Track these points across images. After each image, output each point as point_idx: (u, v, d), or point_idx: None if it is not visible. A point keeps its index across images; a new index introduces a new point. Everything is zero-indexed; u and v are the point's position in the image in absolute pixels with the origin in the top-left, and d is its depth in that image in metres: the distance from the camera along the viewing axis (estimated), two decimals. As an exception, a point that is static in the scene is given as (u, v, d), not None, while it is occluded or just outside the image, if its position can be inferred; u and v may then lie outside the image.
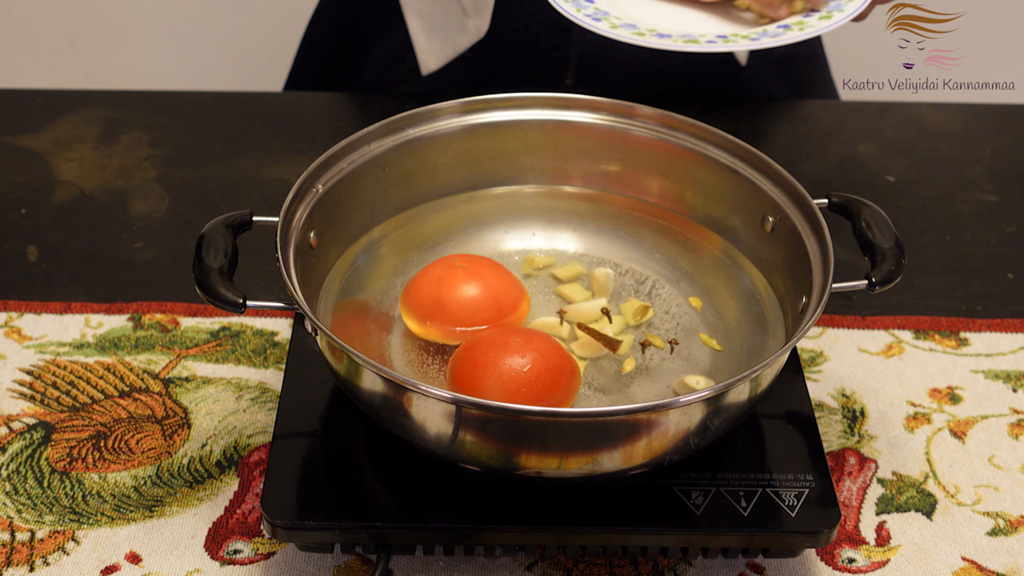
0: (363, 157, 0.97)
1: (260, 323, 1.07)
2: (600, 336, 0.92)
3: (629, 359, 0.93)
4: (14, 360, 1.03)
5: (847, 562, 0.90)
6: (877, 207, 0.94)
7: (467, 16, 1.27)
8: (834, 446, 0.98)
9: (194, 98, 1.39)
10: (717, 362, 0.94)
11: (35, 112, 1.33)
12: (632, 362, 0.93)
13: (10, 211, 1.19)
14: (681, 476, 0.86)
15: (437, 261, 0.96)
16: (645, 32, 0.94)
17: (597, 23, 0.94)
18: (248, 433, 0.97)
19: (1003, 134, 1.36)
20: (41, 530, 0.90)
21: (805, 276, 0.90)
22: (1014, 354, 1.07)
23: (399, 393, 0.81)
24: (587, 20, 0.94)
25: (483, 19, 1.26)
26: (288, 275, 0.85)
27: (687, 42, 0.94)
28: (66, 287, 1.10)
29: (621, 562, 0.89)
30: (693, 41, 0.94)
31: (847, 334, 1.08)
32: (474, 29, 1.28)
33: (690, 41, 0.94)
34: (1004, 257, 1.18)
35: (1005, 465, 0.98)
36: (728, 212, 1.00)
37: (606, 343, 0.92)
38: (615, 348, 0.92)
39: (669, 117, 1.00)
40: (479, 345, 0.88)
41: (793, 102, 1.40)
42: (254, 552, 0.89)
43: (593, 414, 0.80)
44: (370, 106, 1.36)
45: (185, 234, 1.16)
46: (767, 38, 0.96)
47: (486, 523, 0.84)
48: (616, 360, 0.94)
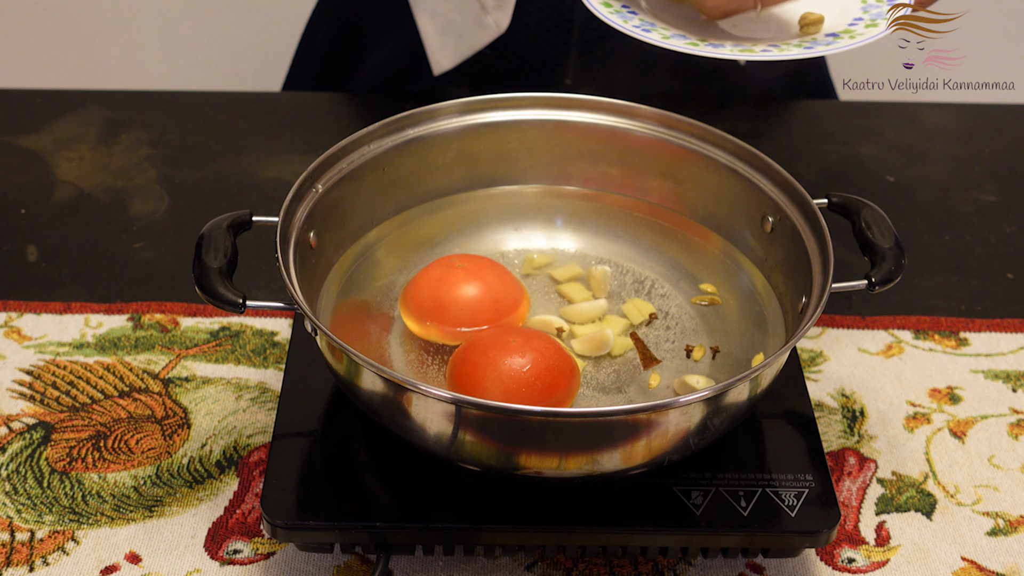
0: (363, 157, 0.97)
1: (260, 323, 1.07)
2: (643, 350, 0.92)
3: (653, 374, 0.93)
4: (14, 360, 1.03)
5: (847, 562, 0.90)
6: (877, 207, 0.94)
7: (486, 12, 1.26)
8: (834, 446, 0.98)
9: (194, 98, 1.39)
10: (717, 362, 0.94)
11: (35, 112, 1.33)
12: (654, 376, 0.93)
13: (10, 211, 1.19)
14: (681, 476, 0.86)
15: (437, 261, 0.96)
16: (699, 42, 0.94)
17: (647, 33, 0.94)
18: (248, 433, 0.98)
19: (1003, 134, 1.36)
20: (41, 530, 0.90)
21: (805, 276, 0.90)
22: (1014, 354, 1.07)
23: (399, 393, 0.81)
24: (637, 31, 0.94)
25: (504, 14, 1.26)
26: (288, 275, 0.85)
27: (742, 51, 0.94)
28: (66, 287, 1.10)
29: (621, 562, 0.89)
30: (748, 50, 0.94)
31: (847, 334, 1.08)
32: (494, 25, 1.27)
33: (745, 50, 0.94)
34: (1004, 257, 1.18)
35: (1005, 465, 0.98)
36: (728, 212, 1.00)
37: (644, 358, 0.92)
38: (649, 365, 0.92)
39: (669, 117, 1.00)
40: (479, 345, 0.88)
41: (793, 102, 1.40)
42: (254, 552, 0.89)
43: (593, 414, 0.80)
44: (370, 106, 1.36)
45: (185, 234, 1.16)
46: (820, 47, 0.96)
47: (486, 523, 0.84)
48: (616, 360, 0.94)
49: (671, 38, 0.95)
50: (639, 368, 0.93)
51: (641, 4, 1.00)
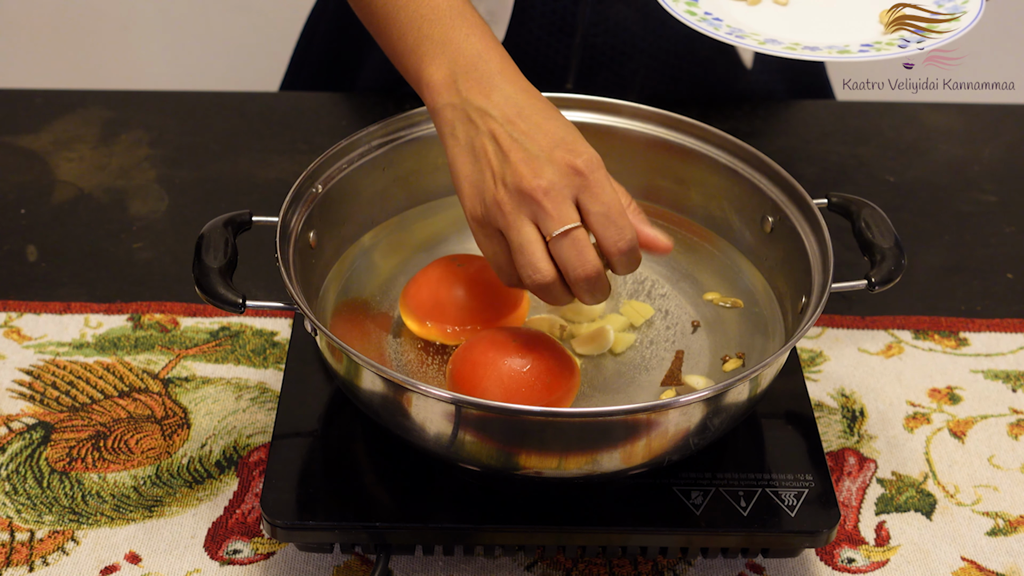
0: (363, 157, 0.97)
1: (260, 323, 1.07)
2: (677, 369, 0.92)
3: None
4: (13, 360, 1.03)
5: (847, 562, 0.90)
6: (877, 207, 0.94)
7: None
8: (834, 446, 0.98)
9: (194, 98, 1.39)
10: (717, 362, 0.94)
11: (35, 112, 1.33)
12: None
13: (10, 211, 1.19)
14: (681, 476, 0.86)
15: (437, 261, 0.96)
16: (795, 46, 0.95)
17: (742, 40, 0.95)
18: (248, 433, 0.97)
19: (1003, 134, 1.36)
20: (41, 530, 0.90)
21: (805, 276, 0.90)
22: (1014, 354, 1.07)
23: (399, 393, 0.81)
24: (731, 38, 0.95)
25: (500, 27, 1.26)
26: (288, 275, 0.85)
27: (839, 52, 0.94)
28: (66, 287, 1.10)
29: (621, 562, 0.89)
30: (845, 51, 0.94)
31: (847, 334, 1.08)
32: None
33: (842, 52, 0.94)
34: (1004, 257, 1.18)
35: (1005, 465, 0.98)
36: (728, 212, 1.00)
37: (670, 374, 0.92)
38: (669, 382, 0.92)
39: (669, 117, 1.00)
40: (479, 345, 0.88)
41: (793, 102, 1.40)
42: (254, 552, 0.89)
43: (593, 414, 0.80)
44: (370, 106, 1.36)
45: (185, 234, 1.16)
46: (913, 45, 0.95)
47: (485, 523, 0.84)
48: (616, 359, 0.94)
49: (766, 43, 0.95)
50: (639, 368, 0.93)
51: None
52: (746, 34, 0.96)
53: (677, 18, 0.96)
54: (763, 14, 0.99)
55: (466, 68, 0.85)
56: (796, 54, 0.94)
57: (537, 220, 0.81)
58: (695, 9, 0.98)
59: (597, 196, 0.81)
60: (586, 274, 0.80)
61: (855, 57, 0.94)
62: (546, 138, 0.82)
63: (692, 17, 0.96)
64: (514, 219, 0.81)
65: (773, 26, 0.98)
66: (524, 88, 0.85)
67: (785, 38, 0.96)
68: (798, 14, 1.00)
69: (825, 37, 0.97)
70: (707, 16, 0.97)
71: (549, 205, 0.80)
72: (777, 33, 0.97)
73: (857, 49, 0.95)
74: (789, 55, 0.94)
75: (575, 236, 0.80)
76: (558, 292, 0.82)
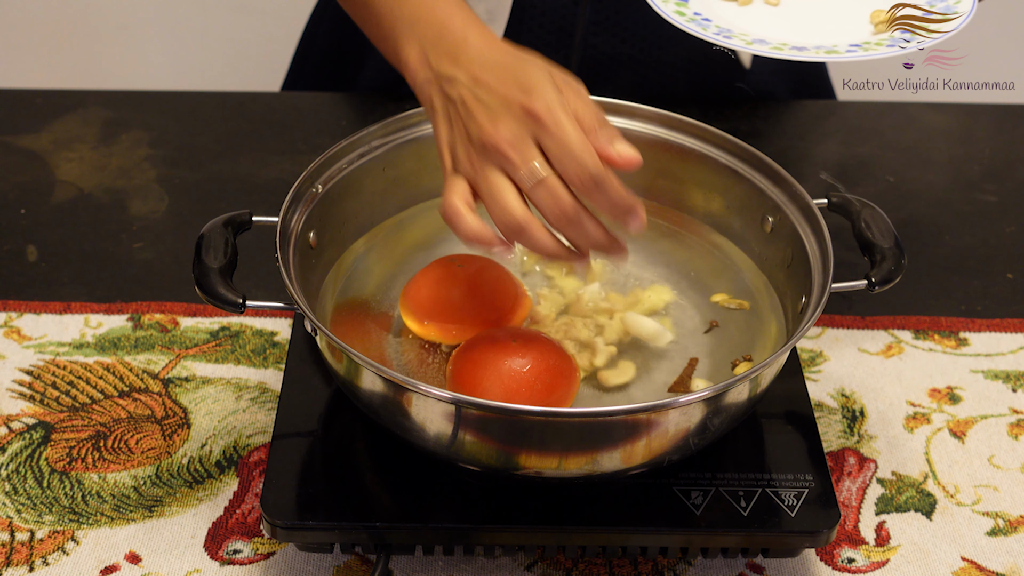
0: (363, 157, 0.97)
1: (260, 323, 1.07)
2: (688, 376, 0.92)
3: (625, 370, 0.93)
4: (14, 360, 1.03)
5: (847, 562, 0.90)
6: (877, 207, 0.94)
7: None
8: (834, 446, 0.98)
9: (193, 98, 1.39)
10: (720, 364, 0.94)
11: (35, 112, 1.33)
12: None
13: (10, 211, 1.19)
14: (681, 476, 0.86)
15: (437, 261, 0.96)
16: (782, 46, 0.95)
17: (729, 40, 0.95)
18: (248, 433, 0.97)
19: (1003, 134, 1.36)
20: (41, 530, 0.90)
21: (805, 276, 0.90)
22: (1014, 354, 1.07)
23: (399, 393, 0.81)
24: (718, 38, 0.95)
25: (498, 27, 1.26)
26: (288, 275, 0.85)
27: (828, 53, 0.95)
28: (66, 287, 1.10)
29: (621, 562, 0.89)
30: (833, 51, 0.95)
31: (847, 334, 1.08)
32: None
33: (830, 52, 0.95)
34: (1004, 257, 1.18)
35: (1005, 465, 0.98)
36: (728, 212, 1.00)
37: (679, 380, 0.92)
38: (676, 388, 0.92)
39: (669, 117, 1.00)
40: (479, 345, 0.88)
41: (793, 102, 1.40)
42: (254, 552, 0.89)
43: (593, 414, 0.80)
44: (370, 106, 1.36)
45: (185, 234, 1.16)
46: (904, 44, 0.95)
47: (486, 523, 0.84)
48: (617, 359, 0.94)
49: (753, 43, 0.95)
50: (639, 368, 0.93)
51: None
52: (734, 34, 0.96)
53: (665, 18, 0.97)
54: (754, 15, 1.00)
55: (433, 40, 0.86)
56: (783, 54, 0.94)
57: (508, 172, 0.81)
58: (684, 10, 0.98)
59: (554, 135, 0.80)
60: (561, 209, 0.80)
61: (843, 57, 0.94)
62: (504, 86, 0.82)
63: (681, 18, 0.97)
64: (481, 169, 0.81)
65: (763, 26, 0.98)
66: (488, 42, 0.85)
67: (773, 38, 0.96)
68: (788, 15, 1.00)
69: (814, 37, 0.97)
70: (696, 16, 0.97)
71: (514, 155, 0.80)
72: (766, 33, 0.97)
73: (845, 49, 0.95)
74: (776, 55, 0.94)
75: (547, 183, 0.80)
76: (540, 236, 0.82)
